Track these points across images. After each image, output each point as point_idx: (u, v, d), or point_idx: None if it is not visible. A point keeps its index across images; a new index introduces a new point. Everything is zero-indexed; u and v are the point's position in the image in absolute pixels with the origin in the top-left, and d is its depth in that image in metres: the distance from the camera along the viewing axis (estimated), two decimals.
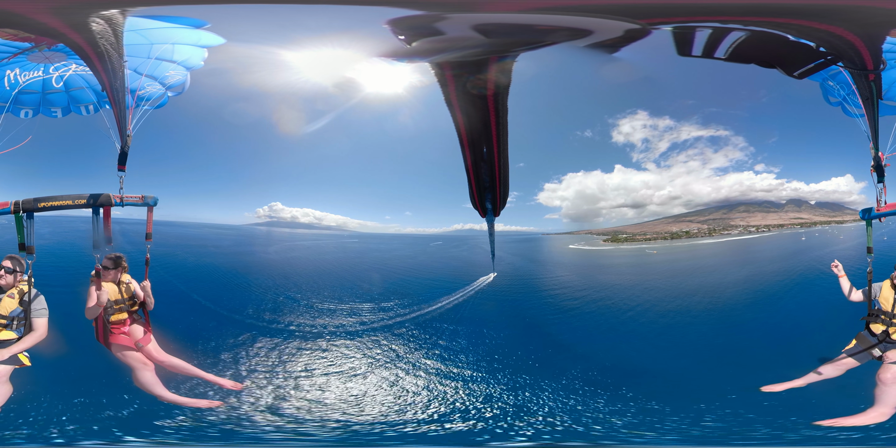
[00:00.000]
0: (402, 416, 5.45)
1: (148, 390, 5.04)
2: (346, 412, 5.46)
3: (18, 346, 4.56)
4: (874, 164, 4.96)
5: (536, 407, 5.57)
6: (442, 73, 5.56)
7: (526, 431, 5.15)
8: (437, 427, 5.26)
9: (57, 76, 5.58)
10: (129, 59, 5.37)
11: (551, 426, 5.23)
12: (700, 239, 10.14)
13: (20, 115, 5.59)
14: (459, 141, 5.81)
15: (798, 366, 5.31)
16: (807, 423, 4.84)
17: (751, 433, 4.93)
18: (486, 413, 5.49)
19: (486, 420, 5.37)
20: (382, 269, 9.68)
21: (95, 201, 4.82)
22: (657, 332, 7.45)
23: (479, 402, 5.69)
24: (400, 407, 5.61)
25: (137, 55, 5.44)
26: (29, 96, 5.56)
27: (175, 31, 5.59)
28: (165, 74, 5.57)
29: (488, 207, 6.38)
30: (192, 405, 5.11)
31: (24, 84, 5.49)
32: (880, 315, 4.89)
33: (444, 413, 5.52)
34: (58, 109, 5.70)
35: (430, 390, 5.97)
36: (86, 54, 4.98)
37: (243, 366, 6.22)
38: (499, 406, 5.61)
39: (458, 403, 5.68)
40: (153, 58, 5.49)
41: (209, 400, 5.26)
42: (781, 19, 5.08)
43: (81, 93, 5.65)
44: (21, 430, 4.65)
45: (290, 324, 7.40)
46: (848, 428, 4.66)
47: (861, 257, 5.18)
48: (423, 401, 5.75)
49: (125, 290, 5.14)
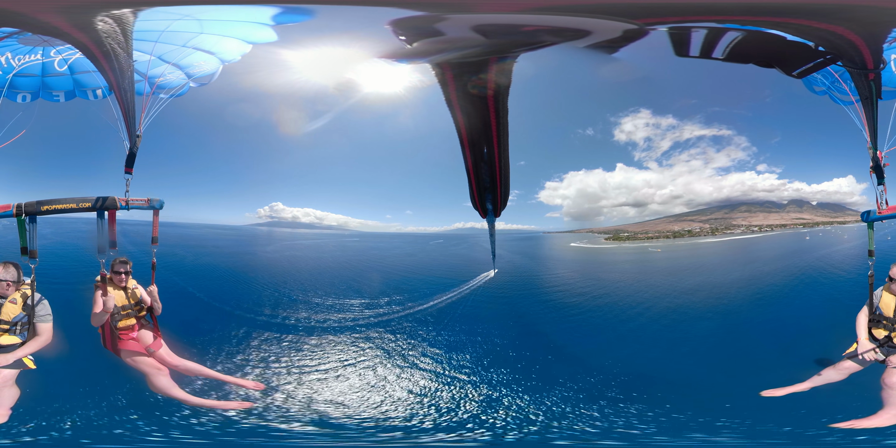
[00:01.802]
0: (406, 413, 5.48)
1: (167, 394, 4.90)
2: (358, 409, 5.46)
3: (23, 351, 4.49)
4: (873, 165, 4.90)
5: (535, 408, 5.60)
6: (442, 74, 5.55)
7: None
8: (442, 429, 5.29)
9: (60, 59, 5.39)
10: (161, 44, 5.23)
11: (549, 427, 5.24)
12: (703, 238, 10.12)
13: (17, 100, 5.38)
14: (460, 141, 5.81)
15: (803, 367, 5.27)
16: (822, 425, 4.80)
17: (759, 437, 4.91)
18: (483, 416, 5.52)
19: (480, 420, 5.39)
20: (381, 268, 9.72)
21: (100, 205, 4.69)
22: (660, 331, 7.43)
23: (479, 404, 5.71)
24: (404, 406, 5.64)
25: (172, 42, 5.29)
26: (26, 80, 5.34)
27: (233, 24, 5.46)
28: (193, 64, 5.42)
29: (489, 208, 6.38)
30: (220, 407, 4.97)
31: (19, 68, 5.28)
32: (882, 320, 4.85)
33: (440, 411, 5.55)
34: (60, 93, 5.50)
35: (438, 386, 5.99)
36: (92, 53, 4.85)
37: (242, 360, 6.24)
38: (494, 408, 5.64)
39: (455, 404, 5.71)
40: (189, 46, 5.34)
41: (238, 401, 5.13)
42: (780, 19, 5.03)
43: (88, 77, 5.45)
44: (30, 429, 4.64)
45: (288, 319, 7.44)
46: (862, 430, 4.62)
47: (865, 258, 5.10)
48: (421, 401, 5.78)
49: (131, 296, 5.02)
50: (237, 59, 5.56)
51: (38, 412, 4.83)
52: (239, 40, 5.53)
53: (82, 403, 5.09)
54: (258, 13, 5.48)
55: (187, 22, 5.29)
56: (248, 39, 5.57)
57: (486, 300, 8.39)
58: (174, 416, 4.92)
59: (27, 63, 5.34)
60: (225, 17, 5.44)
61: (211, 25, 5.40)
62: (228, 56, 5.53)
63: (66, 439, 4.67)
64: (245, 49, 5.56)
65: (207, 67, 5.49)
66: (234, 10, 5.47)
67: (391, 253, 10.03)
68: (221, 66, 5.53)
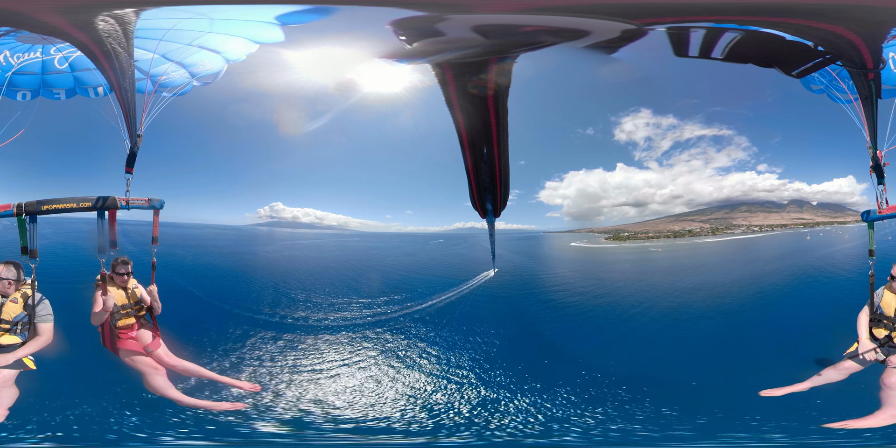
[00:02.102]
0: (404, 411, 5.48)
1: (162, 394, 4.92)
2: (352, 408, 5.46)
3: (24, 351, 4.49)
4: (873, 165, 4.90)
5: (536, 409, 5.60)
6: (442, 74, 5.56)
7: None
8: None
9: (60, 57, 5.36)
10: (166, 43, 5.19)
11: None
12: (703, 237, 10.11)
13: (17, 98, 5.35)
14: (460, 141, 5.82)
15: (803, 367, 5.27)
16: (815, 425, 4.80)
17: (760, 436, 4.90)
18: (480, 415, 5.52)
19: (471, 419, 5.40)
20: (380, 267, 9.73)
21: (101, 204, 4.68)
22: (661, 330, 7.43)
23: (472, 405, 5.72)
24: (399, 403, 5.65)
25: (177, 40, 5.25)
26: (26, 78, 5.32)
27: (242, 23, 5.41)
28: (198, 62, 5.39)
29: (488, 208, 6.38)
30: (213, 409, 4.97)
31: (19, 65, 5.26)
32: (882, 320, 4.85)
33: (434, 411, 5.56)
34: (61, 91, 5.47)
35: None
36: (92, 53, 4.83)
37: (238, 357, 6.24)
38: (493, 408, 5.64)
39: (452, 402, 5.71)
40: (194, 45, 5.30)
41: (232, 402, 5.13)
42: (779, 19, 5.03)
43: (89, 74, 5.41)
44: (29, 429, 4.64)
45: (286, 317, 7.45)
46: (858, 430, 4.61)
47: (865, 258, 5.10)
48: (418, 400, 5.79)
49: (131, 295, 5.04)
50: (242, 58, 5.53)
51: (37, 411, 4.83)
52: (246, 40, 5.49)
53: (81, 402, 5.09)
54: (268, 12, 5.44)
55: (197, 20, 5.26)
56: (255, 39, 5.52)
57: (486, 300, 8.40)
58: (174, 417, 4.93)
59: (27, 61, 5.32)
60: (235, 16, 5.40)
61: (220, 24, 5.36)
62: (234, 55, 5.50)
63: (64, 438, 4.67)
64: (251, 49, 5.52)
65: (212, 66, 5.46)
66: (244, 9, 5.43)
67: (391, 252, 10.05)
68: (226, 65, 5.50)
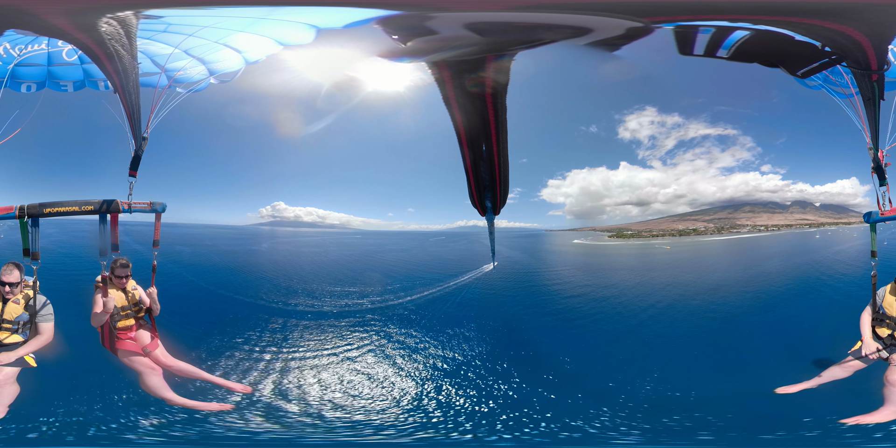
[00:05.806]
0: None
1: (156, 394, 5.02)
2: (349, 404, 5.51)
3: (25, 349, 4.60)
4: (874, 166, 4.86)
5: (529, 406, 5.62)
6: (439, 73, 5.54)
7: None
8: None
9: (69, 49, 5.30)
10: (192, 38, 5.14)
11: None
12: (708, 236, 10.04)
13: (21, 90, 5.29)
14: (458, 140, 5.81)
15: (810, 365, 5.38)
16: (829, 422, 4.88)
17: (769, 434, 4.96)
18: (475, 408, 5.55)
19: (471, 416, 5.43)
20: (381, 262, 9.79)
21: (104, 208, 4.70)
22: (669, 328, 7.41)
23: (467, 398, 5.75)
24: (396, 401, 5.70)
25: (207, 37, 5.19)
26: (31, 69, 5.26)
27: (271, 23, 5.30)
28: (219, 59, 5.33)
29: (488, 206, 6.38)
30: (202, 409, 5.09)
31: (22, 57, 5.21)
32: (885, 319, 4.90)
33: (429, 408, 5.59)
34: (68, 83, 5.40)
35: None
36: (95, 55, 4.84)
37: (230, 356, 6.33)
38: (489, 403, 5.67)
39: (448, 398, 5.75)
40: (220, 42, 5.23)
41: (219, 403, 5.26)
42: (791, 18, 4.97)
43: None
44: (30, 427, 4.76)
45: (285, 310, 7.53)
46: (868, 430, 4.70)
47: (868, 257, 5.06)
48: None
49: (131, 297, 5.10)
50: (262, 59, 5.45)
51: (37, 409, 4.94)
52: (272, 40, 5.37)
53: (80, 401, 5.23)
54: (299, 14, 5.32)
55: (232, 19, 5.17)
56: (282, 40, 5.40)
57: (486, 299, 8.42)
58: (168, 416, 5.06)
59: (30, 53, 5.26)
60: (270, 16, 5.28)
61: (256, 24, 5.25)
62: (254, 56, 5.42)
63: (63, 437, 4.80)
64: (275, 50, 5.42)
65: (231, 64, 5.40)
66: (277, 10, 5.28)
67: (392, 248, 10.10)
68: (245, 65, 5.43)
